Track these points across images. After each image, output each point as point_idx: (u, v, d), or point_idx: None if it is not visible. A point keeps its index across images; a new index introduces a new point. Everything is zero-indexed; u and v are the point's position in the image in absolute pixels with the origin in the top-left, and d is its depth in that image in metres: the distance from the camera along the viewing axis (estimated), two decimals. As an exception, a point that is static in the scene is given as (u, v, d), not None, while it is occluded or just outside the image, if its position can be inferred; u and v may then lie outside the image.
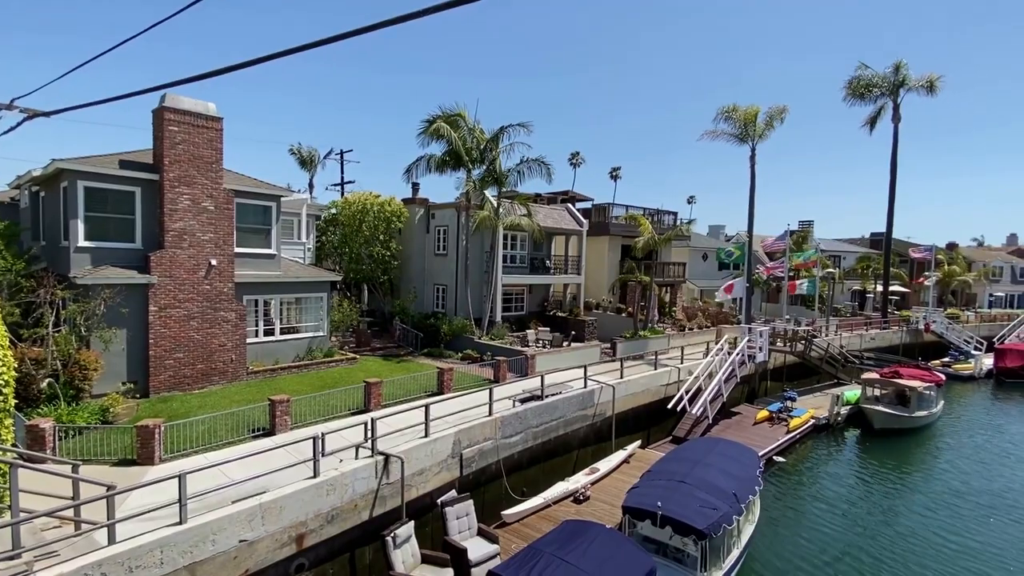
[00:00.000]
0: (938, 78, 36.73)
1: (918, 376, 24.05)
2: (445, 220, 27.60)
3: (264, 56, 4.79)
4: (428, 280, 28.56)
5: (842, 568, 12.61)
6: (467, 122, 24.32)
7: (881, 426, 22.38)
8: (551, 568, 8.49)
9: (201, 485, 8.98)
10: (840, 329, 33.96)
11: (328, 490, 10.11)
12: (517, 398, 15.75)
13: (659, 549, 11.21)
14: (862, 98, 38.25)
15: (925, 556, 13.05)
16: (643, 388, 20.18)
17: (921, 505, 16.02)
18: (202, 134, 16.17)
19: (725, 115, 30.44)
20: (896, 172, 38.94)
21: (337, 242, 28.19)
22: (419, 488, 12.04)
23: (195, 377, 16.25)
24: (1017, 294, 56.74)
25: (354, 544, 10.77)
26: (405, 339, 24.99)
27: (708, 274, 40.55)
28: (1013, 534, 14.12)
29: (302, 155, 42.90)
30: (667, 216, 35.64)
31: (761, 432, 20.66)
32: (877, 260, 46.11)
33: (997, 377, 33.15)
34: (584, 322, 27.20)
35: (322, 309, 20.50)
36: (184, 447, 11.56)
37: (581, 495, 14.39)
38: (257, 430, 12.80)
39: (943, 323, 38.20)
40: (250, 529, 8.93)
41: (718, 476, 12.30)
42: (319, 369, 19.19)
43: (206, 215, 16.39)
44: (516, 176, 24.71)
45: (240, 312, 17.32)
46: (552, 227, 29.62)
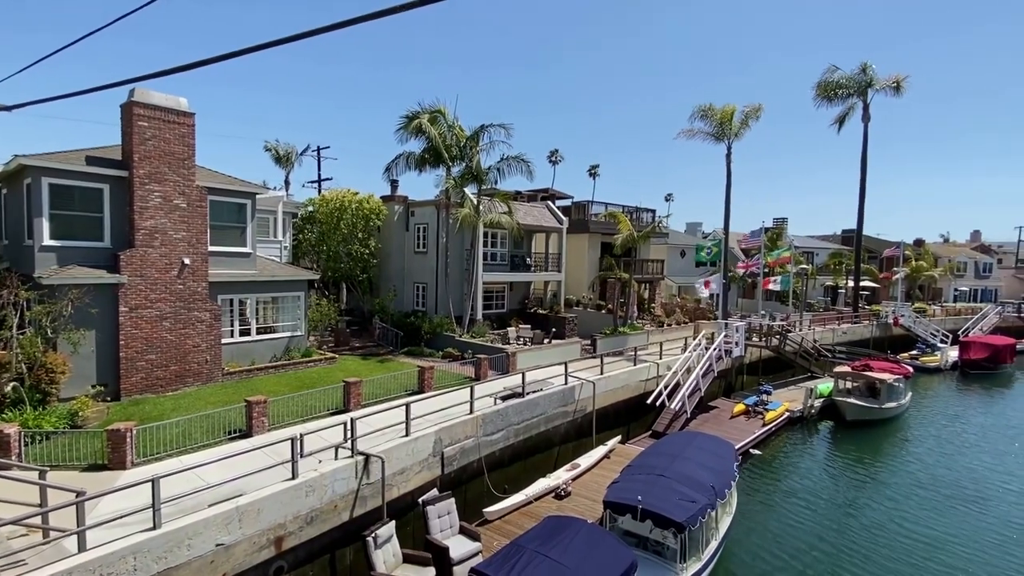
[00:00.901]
0: (904, 79, 37.83)
1: (887, 369, 24.78)
2: (425, 218, 27.43)
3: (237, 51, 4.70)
4: (408, 278, 28.36)
5: (816, 557, 12.94)
6: (447, 119, 24.20)
7: (853, 418, 23.01)
8: (533, 564, 8.54)
9: (176, 489, 8.77)
10: (813, 324, 34.78)
11: (307, 491, 9.99)
12: (498, 396, 15.77)
13: (639, 543, 11.35)
14: (831, 100, 39.16)
15: (891, 545, 13.44)
16: (623, 384, 20.38)
17: (889, 495, 16.52)
18: (173, 130, 15.77)
19: (701, 114, 30.86)
20: (866, 170, 40.01)
21: (315, 240, 27.80)
22: (400, 487, 11.98)
23: (168, 379, 15.87)
24: (980, 288, 58.82)
25: (334, 545, 10.67)
26: (385, 338, 24.79)
27: (686, 271, 41.11)
28: (972, 523, 14.61)
29: (278, 152, 42.19)
30: (645, 213, 36.00)
31: (738, 425, 21.06)
32: (848, 256, 47.32)
33: (962, 369, 34.34)
34: (565, 319, 27.33)
35: (299, 308, 20.22)
36: (157, 451, 11.29)
37: (562, 491, 14.48)
38: (234, 432, 12.57)
39: (911, 317, 39.41)
40: (227, 532, 8.78)
41: (696, 469, 12.51)
42: (297, 369, 18.92)
43: (178, 213, 16.00)
44: (496, 174, 24.70)
45: (215, 312, 16.97)
46: (532, 225, 29.67)
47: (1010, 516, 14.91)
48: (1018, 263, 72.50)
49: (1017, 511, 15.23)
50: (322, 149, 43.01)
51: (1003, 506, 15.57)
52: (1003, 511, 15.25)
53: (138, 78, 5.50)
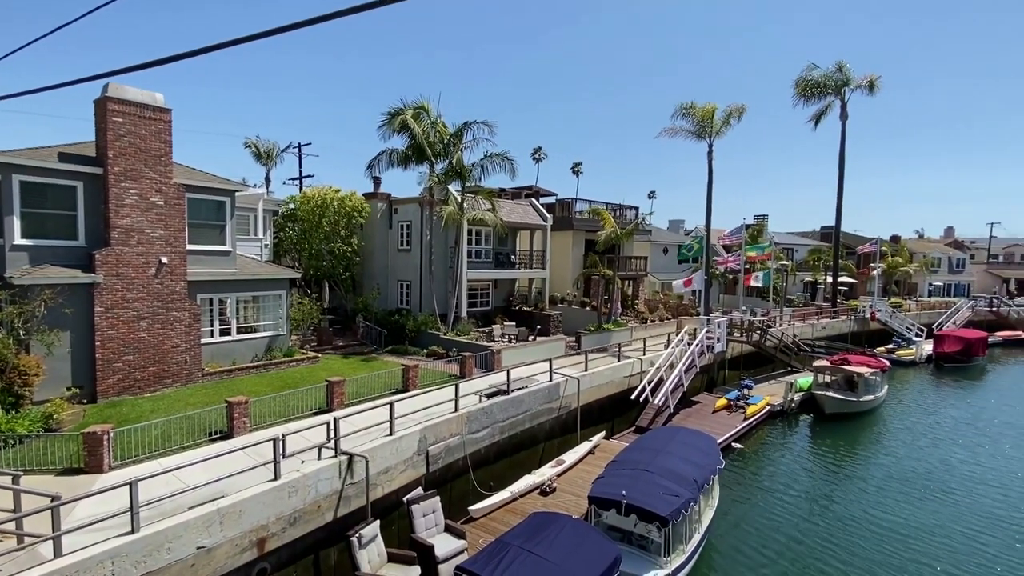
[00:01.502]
0: (877, 78, 38.57)
1: (865, 362, 25.30)
2: (408, 215, 27.28)
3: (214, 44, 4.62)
4: (391, 276, 28.18)
5: (796, 548, 13.19)
6: (430, 115, 24.07)
7: (832, 411, 23.46)
8: (519, 561, 8.57)
9: (155, 492, 8.64)
10: (793, 319, 35.36)
11: (290, 492, 9.90)
12: (483, 393, 15.78)
13: (624, 537, 11.46)
14: (809, 99, 39.77)
15: (866, 536, 13.74)
16: (607, 380, 20.52)
17: (865, 488, 16.87)
18: (149, 126, 15.44)
19: (684, 112, 31.11)
20: (844, 168, 40.76)
21: (296, 238, 27.46)
22: (384, 487, 11.92)
23: (147, 380, 15.58)
24: (954, 283, 60.36)
25: (318, 546, 10.59)
26: (369, 337, 24.62)
27: (669, 267, 41.51)
28: (943, 514, 14.94)
29: (258, 149, 41.57)
30: (629, 211, 36.23)
31: (720, 420, 21.35)
32: (827, 252, 48.17)
33: (936, 362, 35.20)
34: (549, 316, 27.41)
35: (281, 307, 19.98)
36: (136, 453, 11.09)
37: (548, 487, 14.54)
38: (214, 433, 12.39)
39: (887, 312, 40.28)
40: (208, 535, 8.66)
41: (679, 463, 12.66)
42: (279, 369, 18.71)
43: (155, 211, 15.68)
44: (480, 171, 24.66)
45: (194, 312, 16.69)
46: (517, 222, 29.67)
47: (978, 508, 15.26)
48: (990, 258, 74.61)
49: (985, 502, 15.61)
50: (303, 146, 42.58)
51: (971, 497, 15.93)
52: (971, 503, 15.58)
53: (112, 72, 5.36)
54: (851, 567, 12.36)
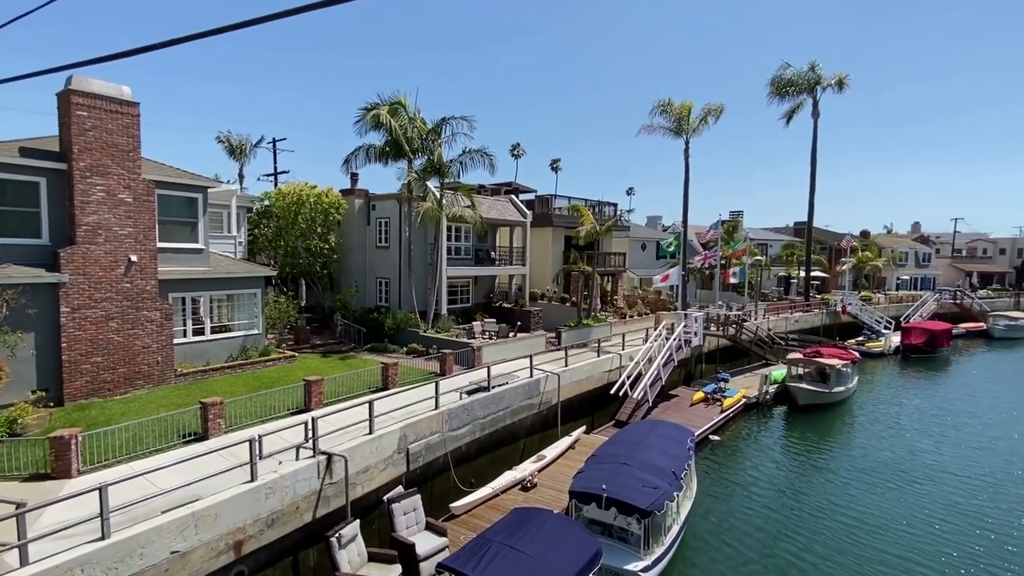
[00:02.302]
0: (846, 76, 39.49)
1: (836, 355, 25.98)
2: (386, 212, 27.02)
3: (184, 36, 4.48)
4: (370, 273, 27.91)
5: (770, 538, 13.52)
6: (407, 110, 23.85)
7: (805, 402, 24.04)
8: (500, 556, 8.59)
9: (126, 496, 8.41)
10: (768, 313, 36.12)
11: (267, 493, 9.75)
12: (464, 390, 15.75)
13: (604, 530, 11.58)
14: (784, 96, 40.54)
15: (835, 525, 14.14)
16: (587, 375, 20.67)
17: (836, 477, 17.36)
18: (116, 120, 14.97)
19: (661, 109, 31.42)
20: (816, 165, 41.65)
21: (271, 235, 26.98)
22: (364, 486, 11.83)
23: (117, 382, 15.15)
24: (920, 277, 62.34)
25: (297, 547, 10.46)
26: (347, 335, 24.35)
27: (647, 263, 41.93)
28: (907, 503, 15.43)
29: (231, 144, 40.68)
30: (608, 207, 36.48)
31: (698, 412, 21.70)
32: (800, 248, 49.24)
33: (904, 353, 36.35)
34: (530, 312, 27.48)
35: (256, 306, 19.62)
36: (106, 457, 10.78)
37: (529, 483, 14.61)
38: (188, 435, 12.12)
39: (858, 305, 41.42)
40: (182, 539, 8.48)
41: (658, 456, 12.83)
42: (255, 369, 18.38)
43: (123, 208, 15.23)
44: (458, 167, 24.53)
45: (166, 311, 16.28)
46: (496, 218, 29.64)
47: (940, 496, 15.74)
48: (954, 253, 77.22)
49: (945, 491, 16.12)
50: (278, 141, 41.72)
51: (933, 486, 16.43)
52: (933, 491, 16.08)
53: (76, 64, 5.15)
54: (822, 555, 12.71)
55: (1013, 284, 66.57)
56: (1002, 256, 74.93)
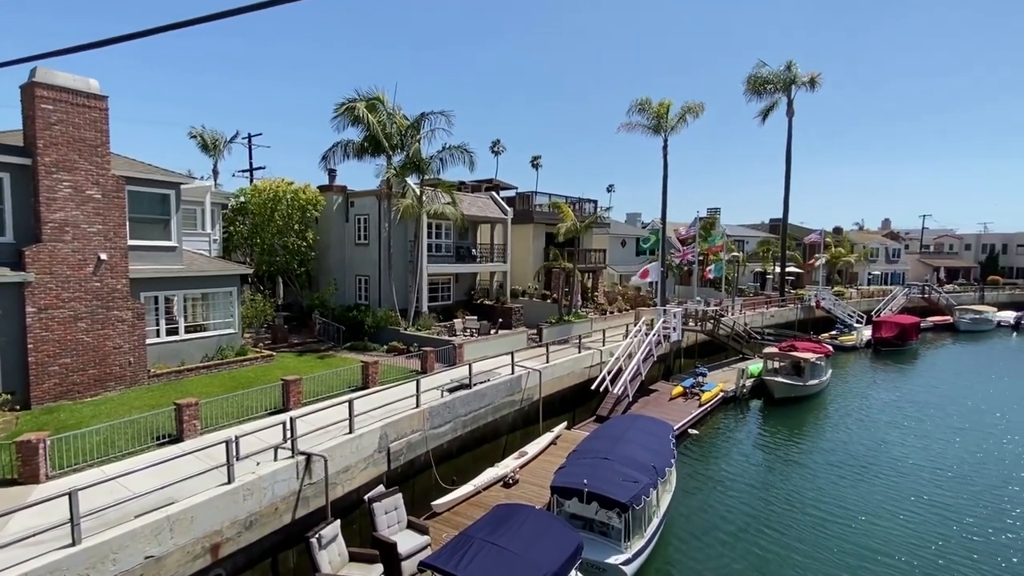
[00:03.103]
0: (818, 75, 40.36)
1: (810, 348, 26.59)
2: (366, 208, 26.73)
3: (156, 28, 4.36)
4: (349, 271, 27.60)
5: (749, 529, 13.81)
6: (386, 106, 23.60)
7: (780, 395, 24.57)
8: (483, 553, 8.61)
9: (98, 501, 8.20)
10: (744, 308, 36.76)
11: (245, 495, 9.60)
12: (445, 388, 15.70)
13: (586, 524, 11.69)
14: (760, 94, 41.25)
15: (806, 515, 14.52)
16: (568, 371, 20.79)
17: (810, 468, 17.81)
18: (83, 114, 14.51)
19: (640, 107, 31.69)
20: (791, 162, 42.53)
21: (247, 233, 26.50)
22: (345, 486, 11.72)
23: (87, 384, 14.73)
24: (890, 272, 64.09)
25: (276, 549, 10.33)
26: (326, 333, 24.06)
27: (627, 260, 42.29)
28: (875, 491, 15.90)
29: (204, 139, 39.72)
30: (588, 204, 36.67)
31: (677, 407, 22.02)
32: (775, 244, 50.21)
33: (875, 346, 37.37)
34: (511, 309, 27.50)
35: (232, 304, 19.26)
36: (76, 461, 10.48)
37: (511, 479, 14.65)
38: (163, 437, 11.85)
39: (831, 300, 42.43)
40: (157, 544, 8.30)
41: (638, 450, 12.99)
42: (231, 369, 18.06)
43: (92, 204, 14.78)
44: (438, 163, 24.36)
45: (138, 310, 15.87)
46: (477, 215, 29.57)
47: (906, 487, 16.18)
48: (922, 248, 79.56)
49: (909, 482, 16.57)
50: (253, 136, 40.90)
51: (899, 477, 16.91)
52: (899, 482, 16.55)
53: (40, 55, 4.96)
54: (795, 545, 13.04)
55: (978, 279, 68.84)
56: (967, 252, 77.46)
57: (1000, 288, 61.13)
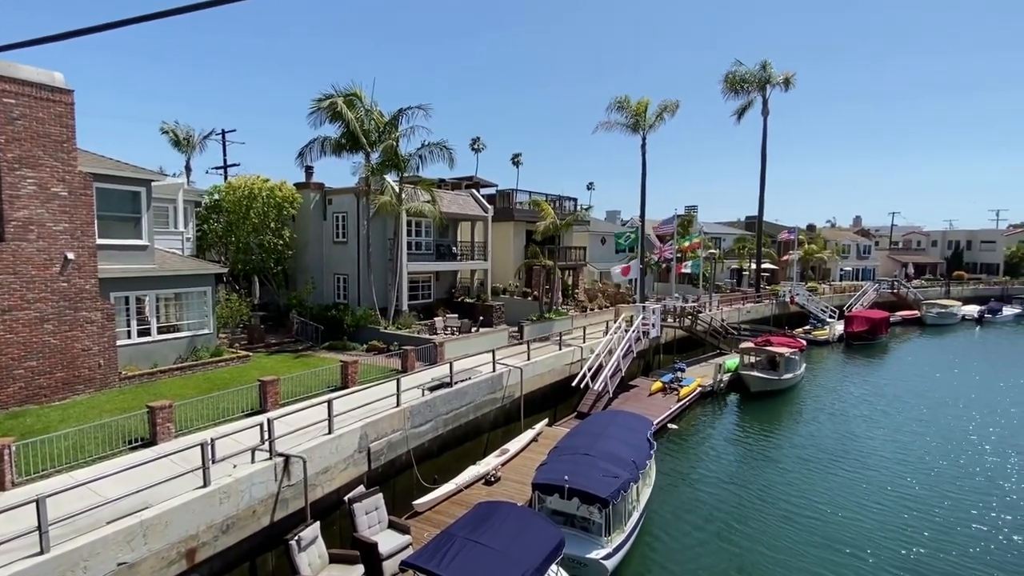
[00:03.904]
0: (792, 75, 41.10)
1: (785, 343, 27.14)
2: (344, 206, 26.42)
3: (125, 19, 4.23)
4: (327, 269, 27.25)
5: (727, 522, 14.04)
6: (364, 102, 23.34)
7: (756, 389, 25.04)
8: (464, 551, 8.60)
9: (68, 508, 7.95)
10: (721, 304, 37.34)
11: (222, 498, 9.42)
12: (426, 386, 15.63)
13: (567, 520, 11.77)
14: (738, 92, 41.84)
15: (778, 505, 14.83)
16: (549, 368, 20.88)
17: (785, 460, 18.17)
18: (47, 108, 14.02)
19: (618, 105, 31.88)
20: (766, 161, 43.24)
21: (221, 231, 25.95)
22: (324, 487, 11.60)
23: (54, 387, 14.28)
24: (861, 268, 65.73)
25: (255, 552, 10.17)
26: (304, 333, 23.73)
27: (606, 257, 42.60)
28: (845, 483, 16.25)
29: (176, 135, 38.72)
30: (568, 202, 36.82)
31: (656, 402, 22.29)
32: (751, 241, 51.10)
33: (847, 341, 38.32)
34: (492, 307, 27.49)
35: (206, 304, 18.86)
36: (44, 467, 10.16)
37: (492, 477, 14.66)
38: (135, 441, 11.57)
39: (804, 296, 43.36)
40: (130, 550, 8.10)
41: (618, 446, 13.11)
42: (206, 370, 17.70)
43: (58, 202, 14.31)
44: (418, 161, 24.20)
45: (107, 311, 15.43)
46: (457, 213, 29.46)
47: (873, 479, 16.53)
48: (891, 245, 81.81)
49: (875, 473, 16.92)
50: (227, 132, 40.06)
51: (861, 469, 17.23)
52: (867, 473, 16.92)
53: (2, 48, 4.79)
54: (771, 537, 13.32)
55: (944, 274, 71.12)
56: (934, 248, 79.90)
57: (964, 283, 63.25)
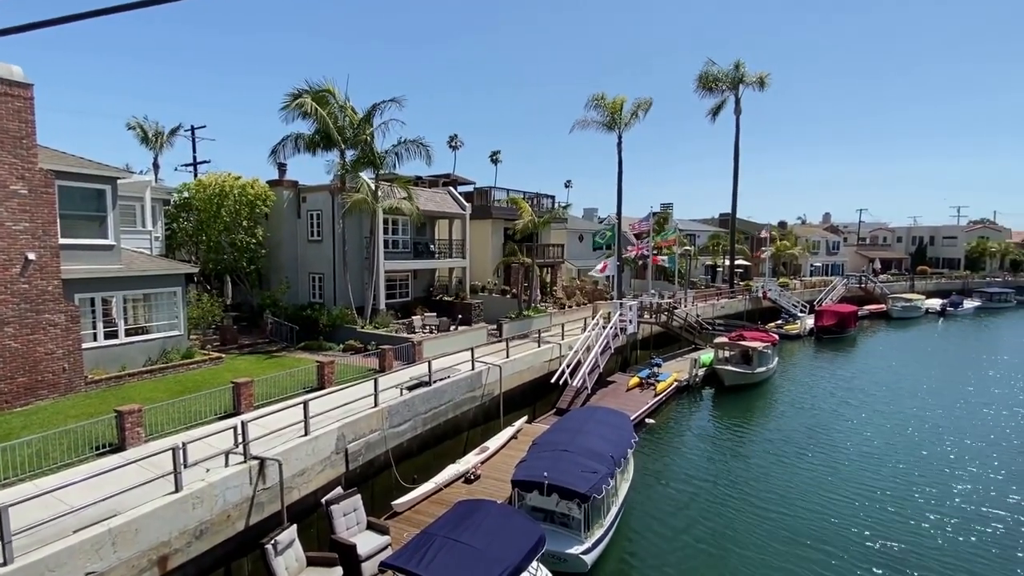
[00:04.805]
0: (767, 75, 41.94)
1: (758, 338, 27.72)
2: (318, 204, 26.01)
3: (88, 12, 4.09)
4: (302, 268, 26.82)
5: (702, 511, 14.31)
6: (337, 98, 22.98)
7: (731, 383, 25.53)
8: (444, 550, 8.59)
9: (32, 516, 7.68)
10: (696, 300, 37.98)
11: (194, 504, 9.21)
12: (404, 386, 15.52)
13: (547, 516, 11.84)
14: (711, 91, 42.50)
15: (751, 496, 15.14)
16: (528, 365, 20.94)
17: (758, 451, 18.59)
18: (5, 103, 13.46)
19: (595, 103, 32.08)
20: (739, 159, 44.05)
21: (191, 230, 25.31)
22: (301, 489, 11.43)
23: (15, 393, 13.76)
24: (831, 264, 67.53)
25: (230, 557, 9.98)
26: (278, 333, 23.32)
27: (584, 254, 42.88)
28: (814, 473, 16.64)
29: (144, 131, 37.59)
30: (546, 199, 36.93)
31: (634, 397, 22.55)
32: (725, 238, 52.03)
33: (817, 334, 39.34)
34: (471, 305, 27.42)
35: (176, 305, 18.39)
36: (5, 476, 9.79)
37: (472, 475, 14.65)
38: (103, 447, 11.22)
39: (777, 291, 44.37)
40: (98, 559, 7.87)
41: (597, 441, 13.23)
42: (177, 372, 17.27)
43: (17, 200, 13.76)
44: (394, 158, 23.94)
45: (72, 313, 14.93)
46: (435, 211, 29.28)
47: (840, 470, 16.92)
48: (859, 241, 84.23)
49: (844, 466, 17.25)
50: (197, 128, 39.06)
51: (829, 462, 17.56)
52: (832, 464, 17.33)
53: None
54: (745, 530, 13.61)
55: (908, 269, 73.57)
56: (899, 244, 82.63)
57: (928, 277, 65.59)
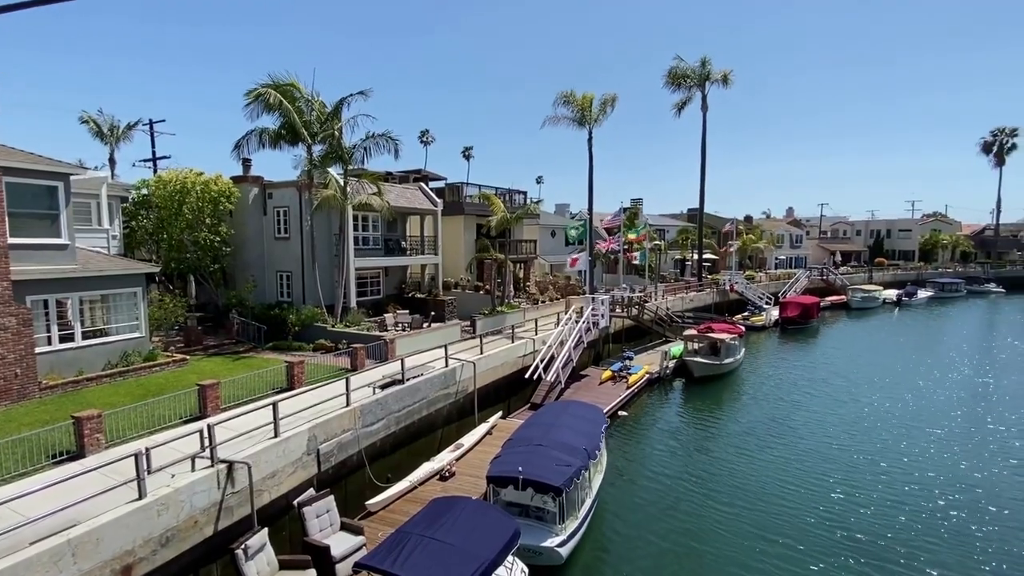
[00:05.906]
0: (730, 72, 42.85)
1: (726, 329, 28.40)
2: (285, 200, 25.43)
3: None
4: (269, 267, 26.20)
5: (673, 500, 14.62)
6: (302, 93, 22.47)
7: (700, 374, 26.09)
8: (420, 548, 8.56)
9: (-18, 531, 7.33)
10: (666, 294, 38.64)
11: (159, 510, 8.94)
12: (377, 384, 15.36)
13: (522, 511, 11.90)
14: (679, 87, 43.18)
15: (722, 486, 15.51)
16: (502, 361, 20.97)
17: (727, 440, 19.05)
18: (-56, 95, 12.72)
19: (564, 100, 32.16)
20: (706, 155, 44.97)
21: (152, 228, 24.44)
22: (272, 492, 11.21)
23: (-38, 401, 13.07)
24: (794, 257, 69.55)
25: (198, 564, 9.73)
26: (245, 333, 22.76)
27: (556, 250, 43.13)
28: (776, 463, 17.04)
29: (98, 125, 36.06)
30: (518, 195, 36.94)
31: (606, 390, 22.85)
32: (693, 232, 53.03)
33: (782, 325, 40.55)
34: (443, 302, 27.28)
35: (137, 306, 17.75)
36: (-48, 488, 9.30)
37: (447, 472, 14.61)
38: (61, 454, 10.78)
39: (743, 284, 45.51)
40: (58, 571, 7.56)
41: (570, 435, 13.37)
42: (139, 376, 16.70)
43: (-40, 198, 13.05)
44: (362, 153, 23.56)
45: (23, 316, 14.25)
46: (406, 207, 28.97)
47: (801, 460, 17.27)
48: (820, 234, 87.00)
49: (806, 456, 17.61)
50: (156, 122, 37.67)
51: (792, 451, 17.96)
52: (798, 453, 17.79)
53: None
54: (715, 517, 13.96)
55: (867, 261, 76.38)
56: (858, 236, 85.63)
57: (885, 269, 68.24)
